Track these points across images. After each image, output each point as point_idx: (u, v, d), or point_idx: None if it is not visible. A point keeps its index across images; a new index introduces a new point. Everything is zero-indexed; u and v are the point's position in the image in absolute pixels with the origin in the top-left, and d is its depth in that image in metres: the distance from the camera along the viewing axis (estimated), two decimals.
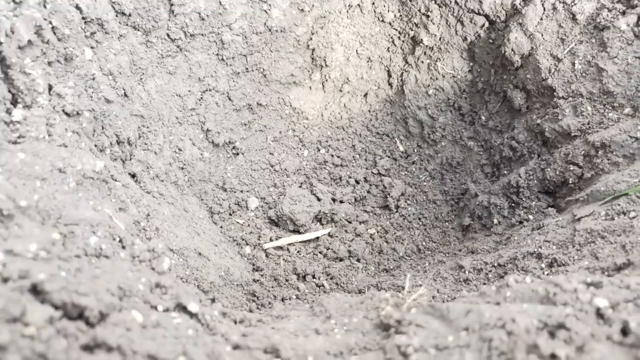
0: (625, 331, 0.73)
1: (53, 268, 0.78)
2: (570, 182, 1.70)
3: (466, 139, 2.45)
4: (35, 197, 0.99)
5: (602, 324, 0.77)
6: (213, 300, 1.35)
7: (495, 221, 2.03)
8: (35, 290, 0.71)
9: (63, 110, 1.37)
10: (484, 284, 1.57)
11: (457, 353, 0.75)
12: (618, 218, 1.32)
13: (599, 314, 0.79)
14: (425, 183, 2.68)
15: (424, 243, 2.46)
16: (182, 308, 0.95)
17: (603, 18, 1.66)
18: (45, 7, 1.49)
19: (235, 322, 1.07)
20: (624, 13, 1.62)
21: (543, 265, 1.39)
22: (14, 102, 1.25)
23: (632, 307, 0.79)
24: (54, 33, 1.47)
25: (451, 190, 2.54)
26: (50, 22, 1.47)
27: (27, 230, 0.88)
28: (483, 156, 2.34)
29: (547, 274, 1.36)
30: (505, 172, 2.14)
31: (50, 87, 1.37)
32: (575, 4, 1.75)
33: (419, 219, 2.57)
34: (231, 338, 0.88)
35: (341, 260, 2.40)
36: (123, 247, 1.13)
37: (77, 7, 1.61)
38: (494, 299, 0.93)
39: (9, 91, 1.24)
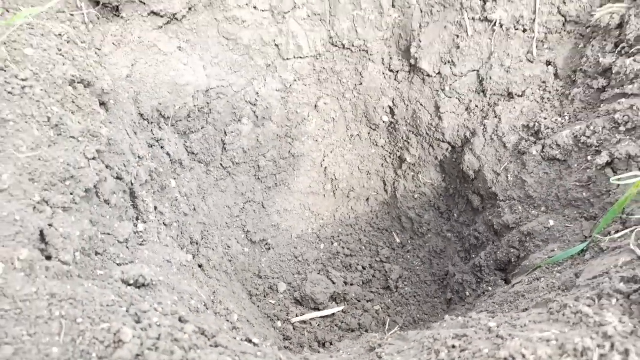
0: (498, 336, 1.28)
1: (185, 311, 1.36)
2: (512, 261, 2.25)
3: (446, 232, 3.03)
4: (160, 277, 1.60)
5: (488, 333, 1.31)
6: None
7: (468, 294, 2.55)
8: (181, 320, 1.29)
9: (164, 223, 2.01)
10: None
11: (407, 351, 1.29)
12: (534, 283, 1.87)
13: (489, 330, 1.34)
14: (418, 267, 3.22)
15: (418, 315, 2.95)
16: (249, 340, 1.51)
17: (522, 146, 2.31)
18: (148, 156, 2.19)
19: None
20: (535, 143, 2.27)
21: None
22: (137, 219, 1.89)
23: (507, 325, 1.34)
24: (156, 174, 2.15)
25: (437, 272, 3.07)
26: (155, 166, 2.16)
27: (164, 294, 1.47)
28: (458, 244, 2.91)
29: None
30: (474, 256, 2.69)
31: (155, 208, 2.02)
32: (505, 136, 2.41)
33: (414, 296, 3.08)
34: (281, 356, 1.44)
35: (353, 331, 2.88)
36: (207, 308, 1.71)
37: (167, 153, 2.31)
38: (436, 329, 1.48)
39: (134, 212, 1.89)
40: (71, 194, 1.51)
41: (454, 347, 1.22)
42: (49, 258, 1.33)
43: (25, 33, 1.75)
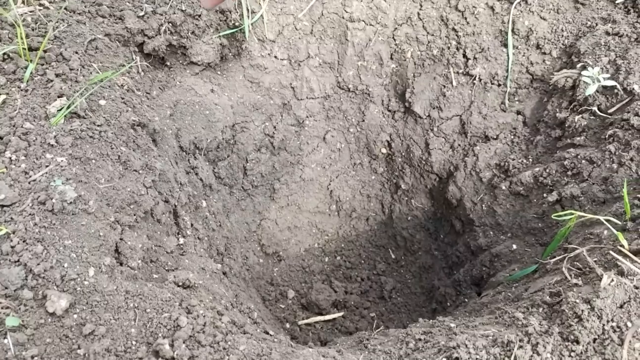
0: (454, 332, 1.65)
1: (220, 307, 1.75)
2: (484, 277, 2.62)
3: (434, 250, 3.41)
4: (200, 281, 1.99)
5: (448, 331, 1.69)
6: None
7: (448, 304, 2.92)
8: (219, 313, 1.68)
9: (198, 237, 2.41)
10: None
11: (386, 343, 1.67)
12: (495, 295, 2.24)
13: (449, 328, 1.71)
14: (409, 281, 3.58)
15: (407, 322, 3.31)
16: (266, 332, 1.89)
17: (494, 181, 2.69)
18: (186, 182, 2.60)
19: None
20: (504, 179, 2.65)
21: None
22: (178, 234, 2.29)
23: (463, 325, 1.72)
24: (192, 197, 2.55)
25: (426, 285, 3.44)
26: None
27: (203, 294, 1.87)
28: (443, 261, 3.28)
29: None
30: (455, 272, 3.07)
31: (191, 225, 2.42)
32: (481, 172, 2.80)
33: (405, 306, 3.44)
34: (291, 343, 1.82)
35: (350, 334, 3.24)
36: (233, 307, 2.10)
37: (200, 179, 2.72)
38: (410, 328, 1.86)
39: (176, 229, 2.29)
40: (134, 215, 1.91)
41: (420, 339, 1.60)
42: (121, 264, 1.74)
43: (97, 86, 2.18)
